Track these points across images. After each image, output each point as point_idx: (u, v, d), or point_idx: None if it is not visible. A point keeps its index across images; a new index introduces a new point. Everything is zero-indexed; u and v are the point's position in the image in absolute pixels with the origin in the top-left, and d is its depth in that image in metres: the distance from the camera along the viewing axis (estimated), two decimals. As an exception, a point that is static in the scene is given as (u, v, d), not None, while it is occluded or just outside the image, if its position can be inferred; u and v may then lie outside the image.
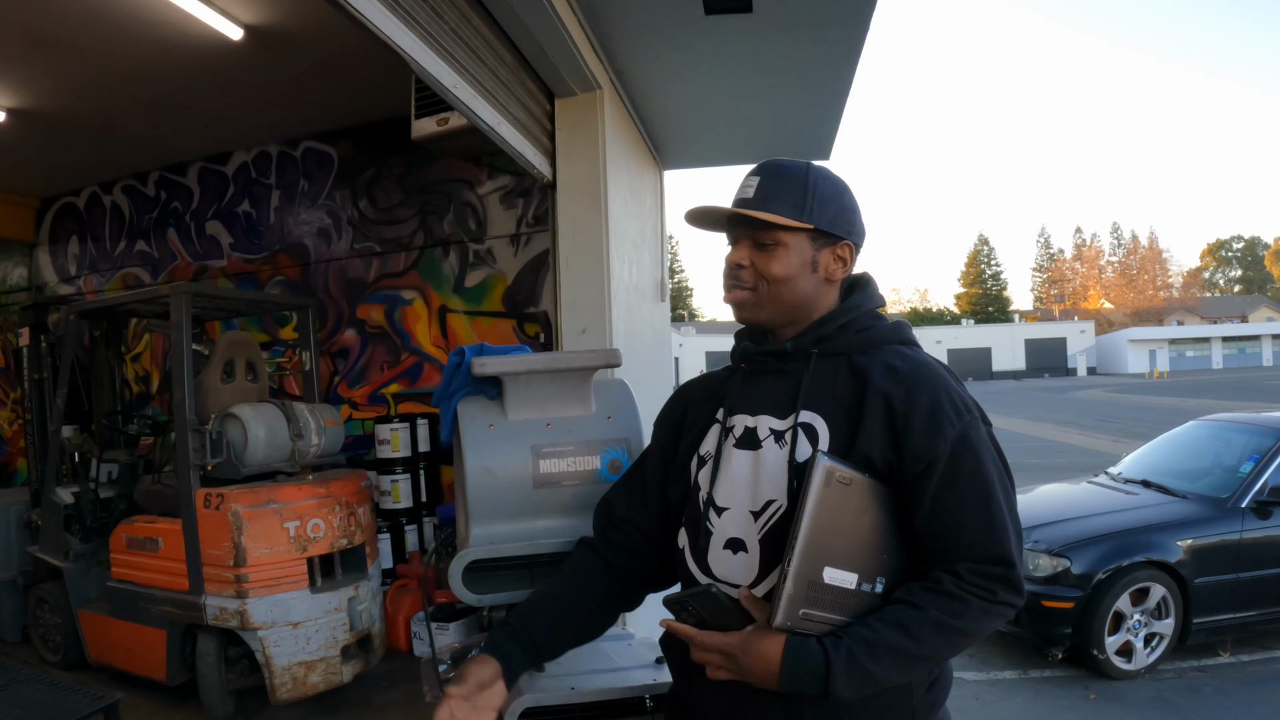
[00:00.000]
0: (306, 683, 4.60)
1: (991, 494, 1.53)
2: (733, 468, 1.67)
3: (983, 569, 1.49)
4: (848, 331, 1.68)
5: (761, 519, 1.60)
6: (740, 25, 4.44)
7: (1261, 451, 6.32)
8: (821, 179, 1.69)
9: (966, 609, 1.47)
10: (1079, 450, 17.84)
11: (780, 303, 1.68)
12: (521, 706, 2.08)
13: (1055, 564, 5.67)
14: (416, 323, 6.70)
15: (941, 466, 1.52)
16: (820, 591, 1.47)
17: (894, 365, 1.61)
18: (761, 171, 1.68)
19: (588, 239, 4.55)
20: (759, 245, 1.66)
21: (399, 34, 2.92)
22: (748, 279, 1.68)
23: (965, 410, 1.57)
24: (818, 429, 1.59)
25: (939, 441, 1.52)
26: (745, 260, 1.67)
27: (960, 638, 1.49)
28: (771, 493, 1.60)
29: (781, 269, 1.65)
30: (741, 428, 1.69)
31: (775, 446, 1.62)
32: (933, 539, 1.53)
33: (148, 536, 4.86)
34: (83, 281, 8.26)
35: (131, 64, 5.46)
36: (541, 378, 2.25)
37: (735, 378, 1.81)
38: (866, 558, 1.53)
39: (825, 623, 1.48)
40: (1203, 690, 5.39)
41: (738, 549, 1.62)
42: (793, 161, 1.71)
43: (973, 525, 1.51)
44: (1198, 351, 68.68)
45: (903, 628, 1.46)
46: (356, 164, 6.90)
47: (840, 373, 1.64)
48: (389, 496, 6.16)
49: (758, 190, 1.65)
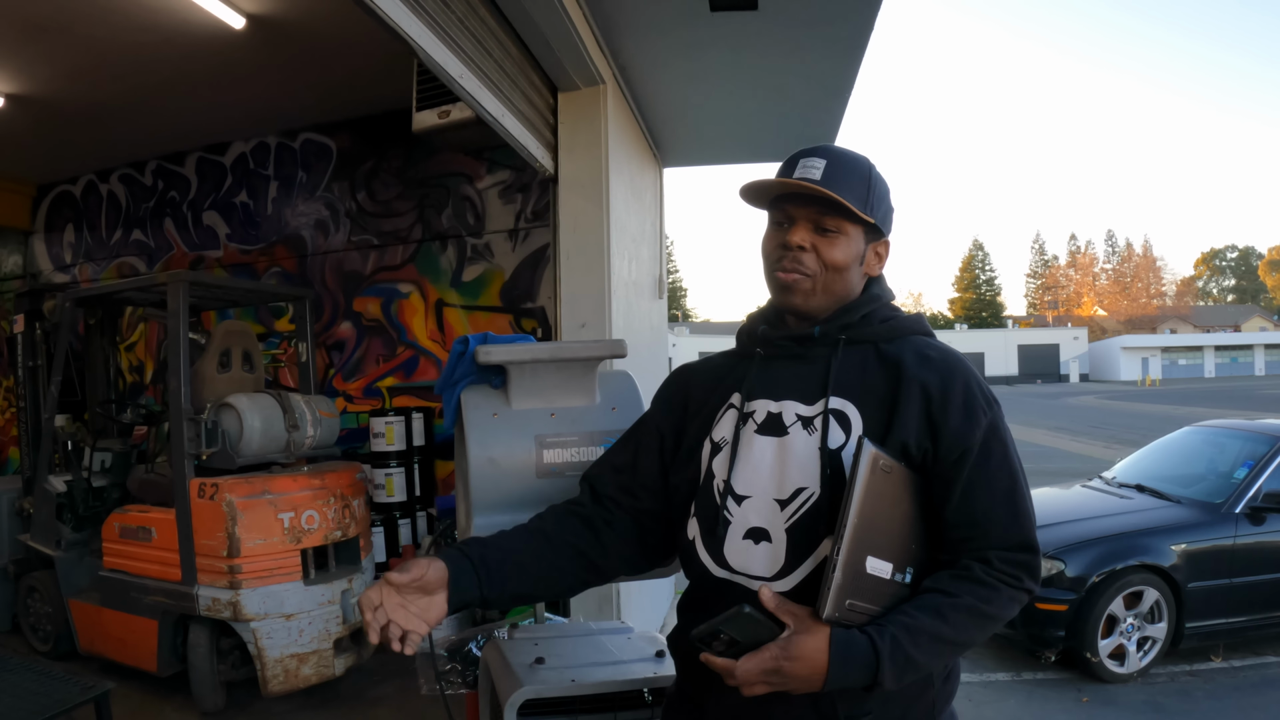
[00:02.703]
0: (299, 675, 4.59)
1: (1018, 482, 1.54)
2: (754, 454, 1.61)
3: (1012, 556, 1.50)
4: (872, 320, 1.66)
5: (790, 507, 1.55)
6: (745, 22, 4.43)
7: (1256, 458, 6.32)
8: (878, 175, 1.68)
9: (997, 595, 1.47)
10: (1071, 456, 17.85)
11: (832, 292, 1.65)
12: (521, 698, 2.07)
13: (1049, 566, 5.66)
14: (413, 316, 6.69)
15: (975, 455, 1.52)
16: (863, 581, 1.45)
17: (927, 355, 1.61)
18: (826, 155, 1.62)
19: (588, 233, 4.54)
20: (821, 230, 1.62)
21: (407, 21, 2.91)
22: (809, 264, 1.62)
23: (993, 400, 1.59)
24: (850, 416, 1.57)
25: (974, 430, 1.53)
26: (807, 243, 1.62)
27: (990, 623, 1.50)
28: (801, 480, 1.55)
29: (843, 257, 1.62)
30: (764, 413, 1.64)
31: (804, 433, 1.58)
32: (963, 526, 1.52)
33: (140, 526, 4.84)
34: (78, 270, 8.23)
35: (132, 52, 5.44)
36: (547, 367, 2.24)
37: (750, 362, 1.74)
38: (900, 547, 1.51)
39: (865, 613, 1.46)
40: (1195, 694, 5.39)
41: (760, 539, 1.56)
42: (853, 151, 1.68)
43: (1002, 512, 1.51)
44: (1190, 360, 68.91)
45: (939, 614, 1.45)
46: (355, 156, 6.89)
47: (869, 360, 1.62)
48: (383, 490, 6.15)
49: (825, 173, 1.59)
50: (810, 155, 1.62)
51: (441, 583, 1.59)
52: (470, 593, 1.63)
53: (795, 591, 1.51)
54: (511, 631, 2.58)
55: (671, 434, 1.81)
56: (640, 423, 1.91)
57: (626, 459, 1.84)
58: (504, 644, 2.40)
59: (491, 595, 1.66)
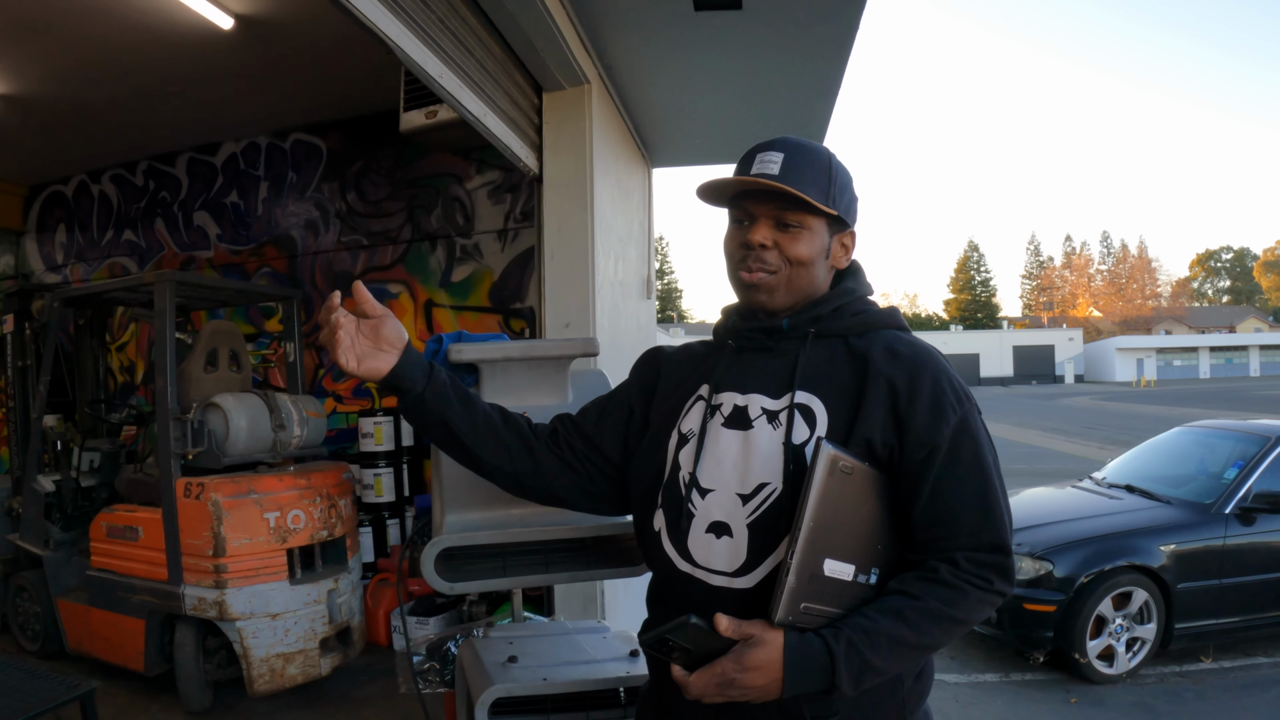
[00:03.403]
0: (284, 674, 4.59)
1: (989, 481, 1.51)
2: (720, 447, 1.59)
3: (980, 557, 1.47)
4: (844, 314, 1.64)
5: (752, 503, 1.53)
6: (729, 21, 4.43)
7: (1246, 458, 6.33)
8: (839, 164, 1.65)
9: (964, 598, 1.46)
10: (1065, 456, 17.88)
11: (797, 288, 1.62)
12: (492, 696, 2.07)
13: (1038, 567, 5.67)
14: (402, 316, 6.67)
15: (943, 453, 1.50)
16: (820, 584, 1.43)
17: (896, 349, 1.58)
18: (784, 148, 1.60)
19: (573, 233, 4.54)
20: (782, 225, 1.59)
21: (385, 21, 2.90)
22: (773, 261, 1.60)
23: (965, 397, 1.56)
24: (815, 411, 1.55)
25: (943, 427, 1.50)
26: (769, 240, 1.59)
27: (957, 626, 1.48)
28: (764, 475, 1.53)
29: (807, 252, 1.60)
30: (730, 406, 1.62)
31: (769, 427, 1.56)
32: (930, 526, 1.50)
33: (128, 525, 4.84)
34: (69, 270, 8.22)
35: (122, 52, 5.43)
36: (518, 366, 2.24)
37: (722, 354, 1.72)
38: (863, 549, 1.49)
39: (823, 616, 1.44)
40: (1184, 695, 5.40)
41: (722, 533, 1.54)
42: (811, 141, 1.65)
43: (972, 512, 1.49)
44: (1185, 361, 68.94)
45: (900, 617, 1.43)
46: (345, 156, 6.88)
47: (838, 354, 1.60)
48: (371, 490, 6.15)
49: (783, 166, 1.56)
50: (767, 149, 1.60)
51: (396, 345, 1.66)
52: (414, 379, 1.68)
53: (757, 588, 1.50)
54: (487, 630, 2.59)
55: (640, 411, 1.81)
56: (615, 392, 1.90)
57: (591, 424, 1.84)
58: (479, 643, 2.40)
59: (429, 398, 1.70)
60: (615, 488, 1.82)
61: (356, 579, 5.14)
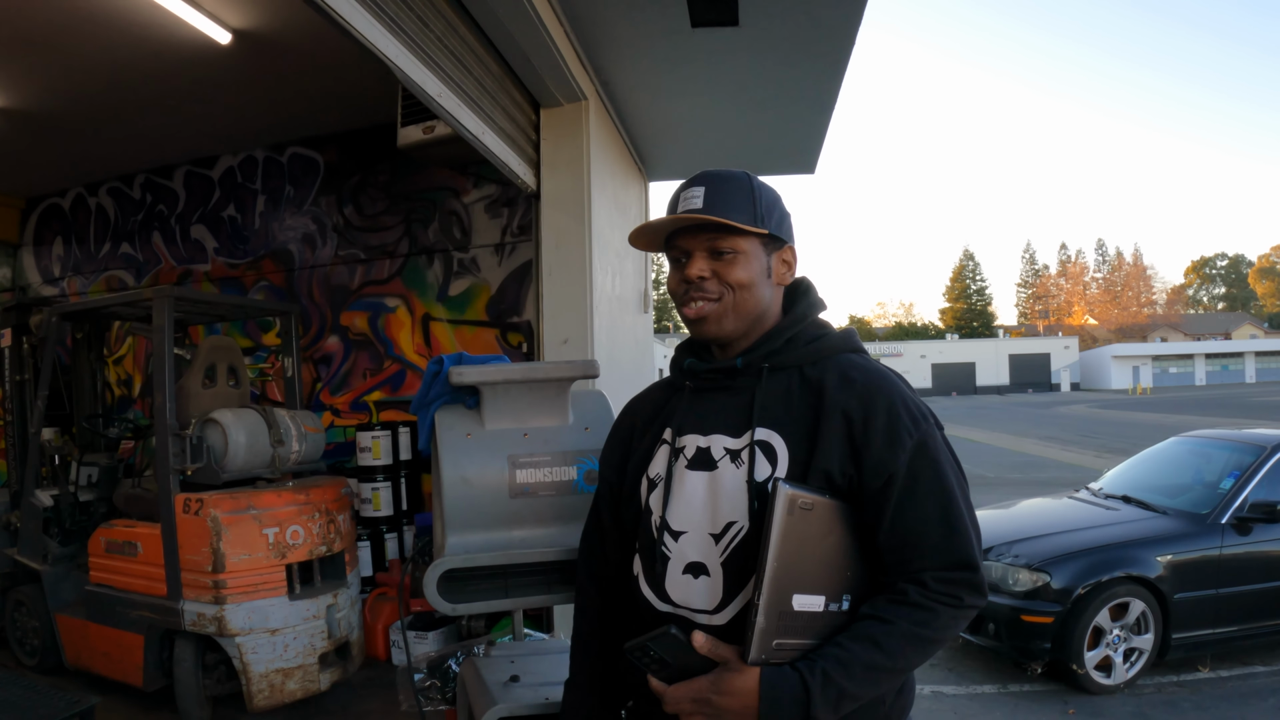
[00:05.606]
0: (284, 690, 4.58)
1: (952, 500, 1.53)
2: (686, 490, 1.63)
3: (948, 575, 1.49)
4: (797, 343, 1.67)
5: (723, 541, 1.56)
6: (727, 38, 4.46)
7: (1242, 468, 6.33)
8: (761, 184, 1.68)
9: (935, 617, 1.48)
10: (1061, 465, 17.87)
11: (744, 312, 1.65)
12: (496, 716, 2.08)
13: (1035, 579, 5.67)
14: (400, 330, 6.69)
15: (902, 478, 1.51)
16: (791, 620, 1.46)
17: (850, 376, 1.60)
18: (704, 181, 1.65)
19: (570, 249, 4.56)
20: (716, 254, 1.63)
21: (384, 42, 2.92)
22: (713, 289, 1.63)
23: (921, 418, 1.57)
24: (775, 447, 1.57)
25: (899, 453, 1.52)
26: (706, 271, 1.63)
27: (930, 645, 1.50)
28: (731, 514, 1.56)
29: (746, 275, 1.63)
30: (693, 448, 1.65)
31: (732, 466, 1.59)
32: (896, 549, 1.52)
33: (126, 540, 4.83)
34: (67, 283, 8.23)
35: (120, 66, 5.46)
36: (519, 388, 2.25)
37: (681, 395, 1.76)
38: (832, 578, 1.52)
39: (798, 649, 1.47)
40: (1182, 705, 5.40)
41: (699, 573, 1.58)
42: (729, 170, 1.69)
43: (936, 533, 1.51)
44: (1181, 368, 69.09)
45: (874, 643, 1.45)
46: (343, 170, 6.90)
47: (793, 386, 1.62)
48: (370, 504, 6.14)
49: (706, 199, 1.61)
50: (689, 187, 1.66)
51: None
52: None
53: (735, 622, 1.54)
54: (488, 649, 2.59)
55: (618, 477, 1.85)
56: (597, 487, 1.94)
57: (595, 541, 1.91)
58: (480, 662, 2.41)
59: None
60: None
61: (355, 594, 5.14)
